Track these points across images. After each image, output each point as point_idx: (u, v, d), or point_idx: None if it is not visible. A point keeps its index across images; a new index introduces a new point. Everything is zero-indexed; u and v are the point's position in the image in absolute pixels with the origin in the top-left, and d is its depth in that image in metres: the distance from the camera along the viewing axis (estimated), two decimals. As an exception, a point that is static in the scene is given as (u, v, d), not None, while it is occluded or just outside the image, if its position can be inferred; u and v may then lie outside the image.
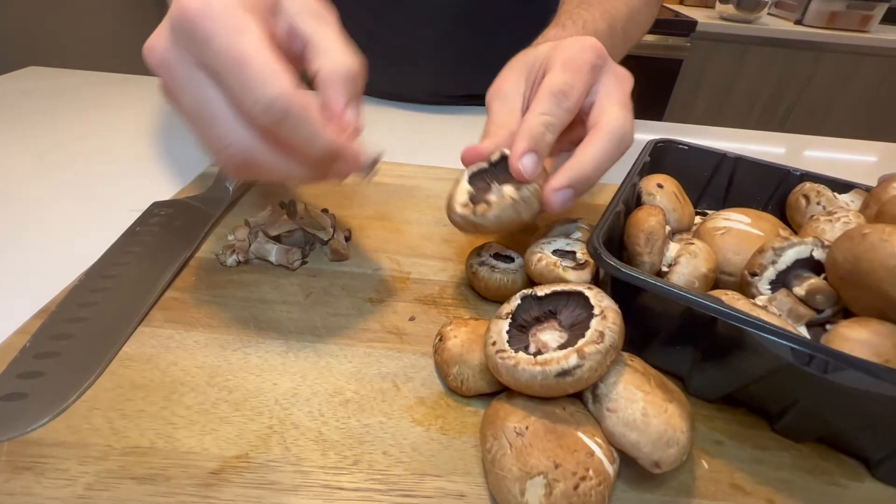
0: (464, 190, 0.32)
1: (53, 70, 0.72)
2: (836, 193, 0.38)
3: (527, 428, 0.22)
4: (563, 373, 0.21)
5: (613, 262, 0.26)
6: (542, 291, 0.27)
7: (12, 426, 0.25)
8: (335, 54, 0.28)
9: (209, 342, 0.31)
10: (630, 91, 0.35)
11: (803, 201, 0.37)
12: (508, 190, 0.30)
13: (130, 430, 0.25)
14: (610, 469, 0.22)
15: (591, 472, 0.21)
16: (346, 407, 0.28)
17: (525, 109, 0.35)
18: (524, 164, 0.30)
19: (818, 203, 0.36)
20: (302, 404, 0.28)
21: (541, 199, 0.30)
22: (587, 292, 0.25)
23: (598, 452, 0.22)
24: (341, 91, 0.28)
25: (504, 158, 0.32)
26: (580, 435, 0.22)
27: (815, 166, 0.42)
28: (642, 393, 0.22)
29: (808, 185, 0.39)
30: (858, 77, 1.86)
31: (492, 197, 0.31)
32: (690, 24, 1.76)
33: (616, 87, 0.34)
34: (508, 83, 0.36)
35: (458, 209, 0.31)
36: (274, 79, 0.23)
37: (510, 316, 0.26)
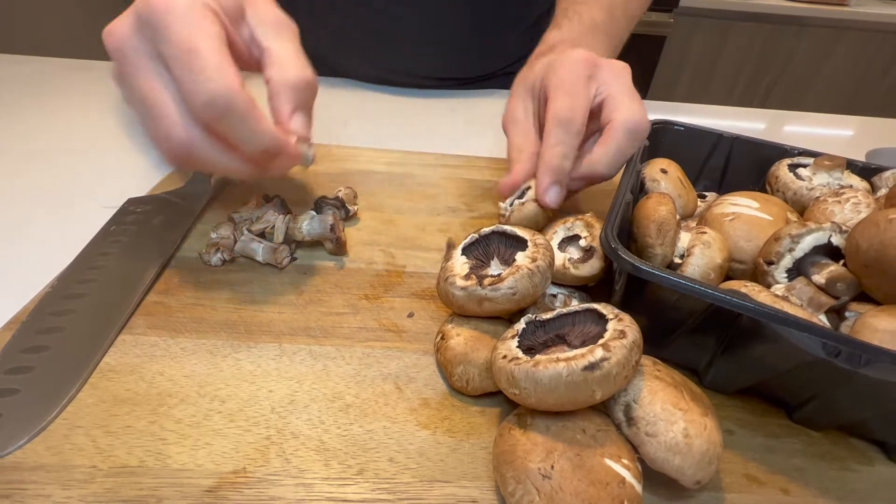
0: (461, 262, 0.29)
1: (8, 56, 0.68)
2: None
3: (552, 468, 0.21)
4: (591, 366, 0.20)
5: (633, 259, 0.25)
6: (547, 315, 0.25)
7: (-14, 451, 0.23)
8: (286, 65, 0.30)
9: (197, 348, 0.29)
10: (630, 79, 0.36)
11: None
12: (523, 259, 0.27)
13: (117, 449, 0.24)
14: (639, 488, 0.21)
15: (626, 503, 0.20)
16: (347, 412, 0.26)
17: (537, 127, 0.38)
18: (550, 196, 0.33)
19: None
20: (300, 412, 0.26)
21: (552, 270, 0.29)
22: (596, 305, 0.24)
23: (629, 476, 0.21)
24: (288, 100, 0.30)
25: (494, 233, 0.30)
26: (608, 462, 0.21)
27: (795, 142, 0.42)
28: (681, 412, 0.21)
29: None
30: (838, 51, 1.87)
31: (495, 270, 0.28)
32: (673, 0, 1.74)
33: (616, 81, 0.35)
34: (518, 108, 0.39)
35: (460, 283, 0.27)
36: (221, 74, 0.25)
37: (516, 338, 0.25)
